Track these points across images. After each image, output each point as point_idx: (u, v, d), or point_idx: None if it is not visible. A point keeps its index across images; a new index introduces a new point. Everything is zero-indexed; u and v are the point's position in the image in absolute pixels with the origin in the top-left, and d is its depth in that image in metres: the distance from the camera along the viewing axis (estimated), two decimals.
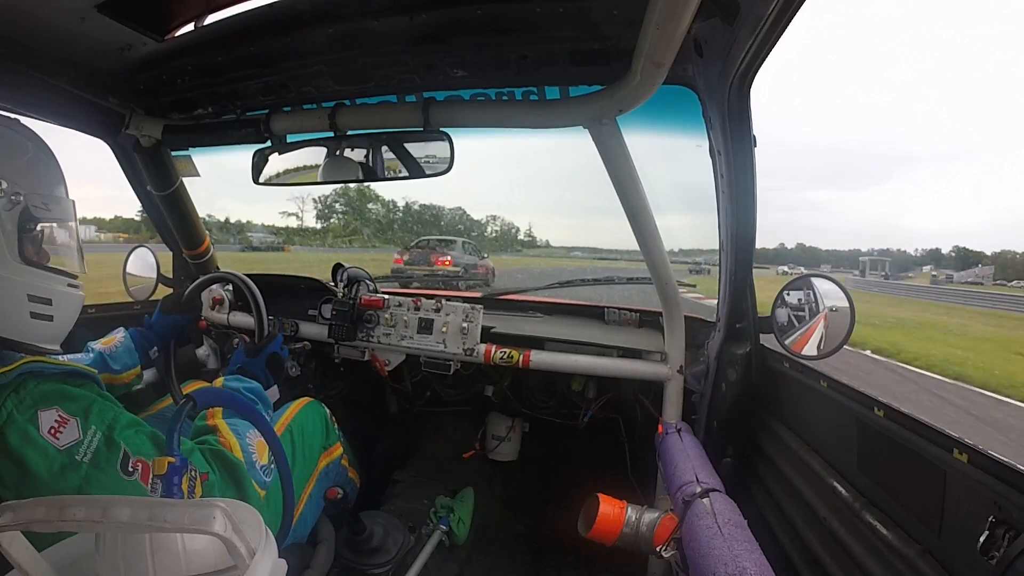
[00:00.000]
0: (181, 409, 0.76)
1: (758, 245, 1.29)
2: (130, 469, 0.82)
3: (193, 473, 0.92)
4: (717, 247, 1.39)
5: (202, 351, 1.97)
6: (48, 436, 0.78)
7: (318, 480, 1.42)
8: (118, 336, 1.41)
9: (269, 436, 0.94)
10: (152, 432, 0.91)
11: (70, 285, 0.96)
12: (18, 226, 0.86)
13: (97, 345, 1.37)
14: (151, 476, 0.83)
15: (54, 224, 0.93)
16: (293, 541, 1.32)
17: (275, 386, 1.37)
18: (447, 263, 11.18)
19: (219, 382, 1.19)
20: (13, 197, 0.85)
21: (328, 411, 1.57)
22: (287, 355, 1.44)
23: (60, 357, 1.21)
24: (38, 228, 0.90)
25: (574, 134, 1.14)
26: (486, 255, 14.48)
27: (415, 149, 1.36)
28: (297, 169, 1.47)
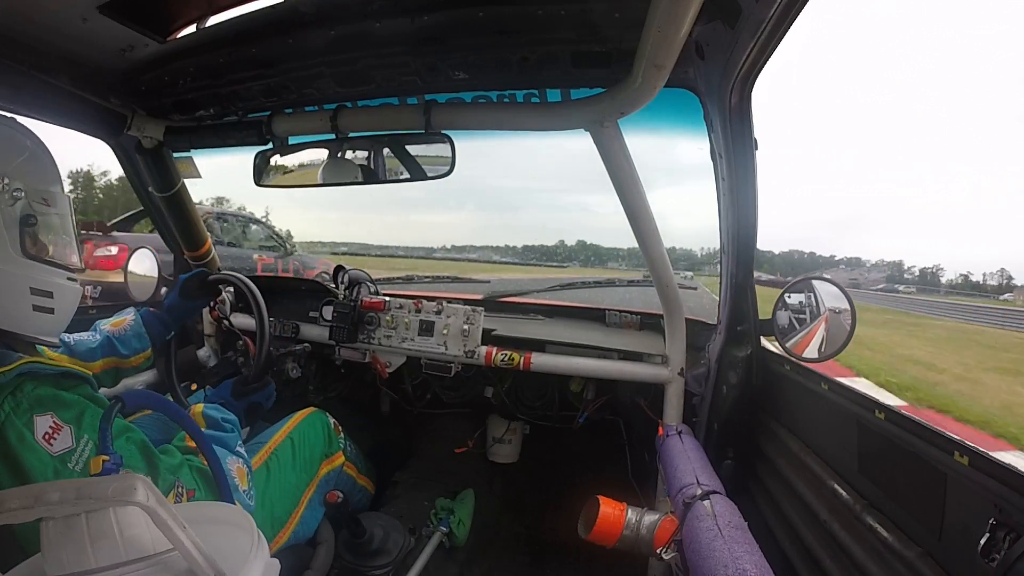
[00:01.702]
0: (111, 409, 0.76)
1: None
2: None
3: (180, 489, 0.92)
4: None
5: (203, 352, 1.98)
6: (42, 441, 0.78)
7: (319, 486, 1.42)
8: (128, 318, 1.37)
9: (204, 447, 0.94)
10: (142, 441, 0.91)
11: (69, 278, 0.97)
12: (19, 221, 0.88)
13: (106, 326, 1.34)
14: None
15: (53, 219, 0.94)
16: (294, 543, 1.32)
17: (248, 428, 1.36)
18: (108, 263, 5.00)
19: (199, 408, 1.19)
20: (15, 193, 0.87)
21: (332, 420, 1.57)
22: (271, 405, 1.43)
23: (67, 336, 1.21)
24: (38, 223, 0.91)
25: None
26: (295, 249, 7.78)
27: (416, 151, 1.36)
28: (298, 171, 1.48)
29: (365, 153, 1.40)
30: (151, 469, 0.88)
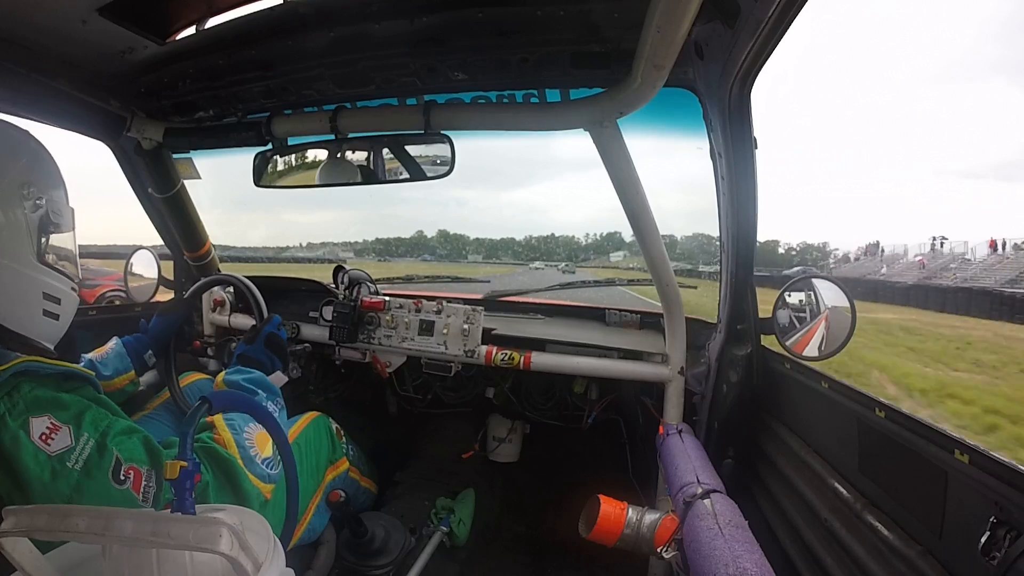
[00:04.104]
0: (196, 412, 0.74)
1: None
2: (122, 477, 0.82)
3: None
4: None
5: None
6: (39, 442, 0.77)
7: (324, 492, 1.42)
8: (109, 344, 1.40)
9: (276, 435, 0.94)
10: (145, 437, 0.91)
11: (72, 288, 1.00)
12: (38, 229, 0.91)
13: (89, 355, 1.36)
14: (143, 484, 0.84)
15: (64, 230, 0.97)
16: (297, 546, 1.32)
17: (278, 372, 1.31)
18: None
19: (220, 378, 1.18)
20: (38, 201, 0.90)
21: (335, 425, 1.57)
22: (286, 336, 1.42)
23: None
24: (53, 232, 0.94)
25: None
26: None
27: (416, 151, 1.36)
28: (298, 172, 1.48)
29: (364, 154, 1.40)
30: (154, 462, 0.88)
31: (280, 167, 1.49)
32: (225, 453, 0.97)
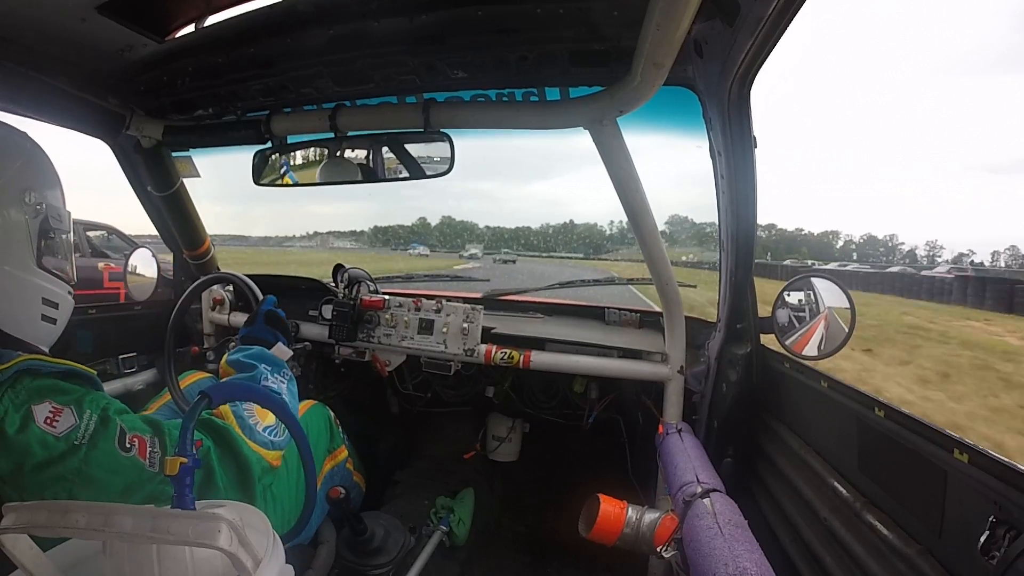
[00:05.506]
0: (195, 407, 0.74)
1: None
2: (127, 445, 0.84)
3: None
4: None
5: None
6: (45, 426, 0.78)
7: (323, 484, 1.41)
8: None
9: (283, 415, 0.95)
10: (142, 415, 0.92)
11: (69, 292, 1.00)
12: (38, 233, 0.91)
13: None
14: (148, 451, 0.85)
15: (63, 234, 0.97)
16: (297, 543, 1.32)
17: (280, 343, 1.29)
18: None
19: (224, 360, 1.20)
20: (38, 206, 0.91)
21: (332, 413, 1.57)
22: (284, 315, 1.40)
23: None
24: (54, 237, 0.95)
25: None
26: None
27: (415, 150, 1.36)
28: (297, 170, 1.48)
29: (364, 152, 1.40)
30: (156, 433, 0.89)
31: (280, 166, 1.49)
32: (221, 423, 0.98)
